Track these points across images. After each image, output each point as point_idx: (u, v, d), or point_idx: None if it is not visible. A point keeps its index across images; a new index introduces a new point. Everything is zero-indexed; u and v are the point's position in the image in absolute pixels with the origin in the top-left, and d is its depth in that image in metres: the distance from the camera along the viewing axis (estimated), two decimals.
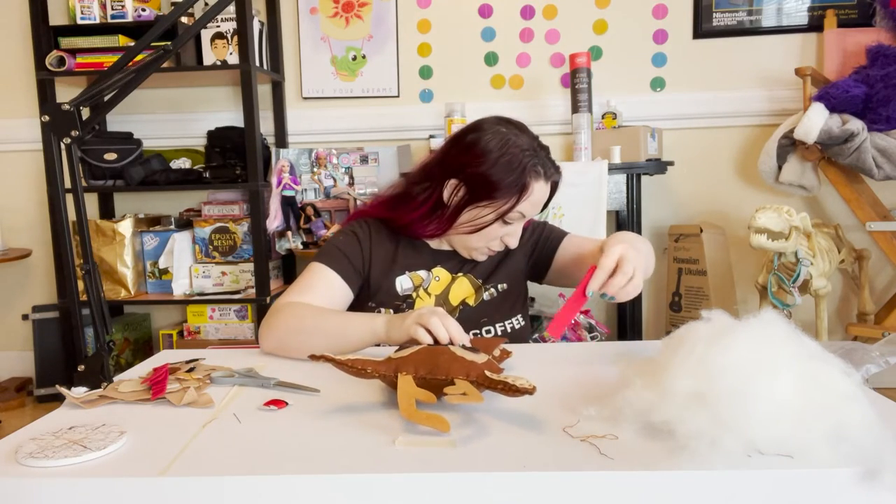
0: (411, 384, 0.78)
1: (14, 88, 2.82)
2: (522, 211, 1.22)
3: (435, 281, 1.30)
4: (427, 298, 1.28)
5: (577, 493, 0.63)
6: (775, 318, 0.74)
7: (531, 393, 0.75)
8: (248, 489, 0.64)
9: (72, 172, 0.93)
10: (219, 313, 2.63)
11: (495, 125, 1.24)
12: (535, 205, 1.23)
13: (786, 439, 0.64)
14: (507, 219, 1.23)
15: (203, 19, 1.03)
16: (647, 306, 2.73)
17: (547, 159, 1.24)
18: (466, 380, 0.79)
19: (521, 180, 1.19)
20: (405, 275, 1.29)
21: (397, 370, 0.81)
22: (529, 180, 1.20)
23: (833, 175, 2.32)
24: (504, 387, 0.76)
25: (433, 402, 0.77)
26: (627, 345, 1.16)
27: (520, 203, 1.21)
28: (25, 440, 0.73)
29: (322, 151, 2.62)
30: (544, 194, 1.24)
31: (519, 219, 1.24)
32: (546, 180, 1.23)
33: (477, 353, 0.87)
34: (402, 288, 1.28)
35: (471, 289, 1.31)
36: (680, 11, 2.60)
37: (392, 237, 1.33)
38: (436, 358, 0.83)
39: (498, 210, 1.21)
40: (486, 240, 1.26)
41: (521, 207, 1.22)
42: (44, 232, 2.81)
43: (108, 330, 0.95)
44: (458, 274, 1.32)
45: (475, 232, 1.24)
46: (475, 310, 1.29)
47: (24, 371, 2.90)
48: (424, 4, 2.69)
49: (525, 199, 1.21)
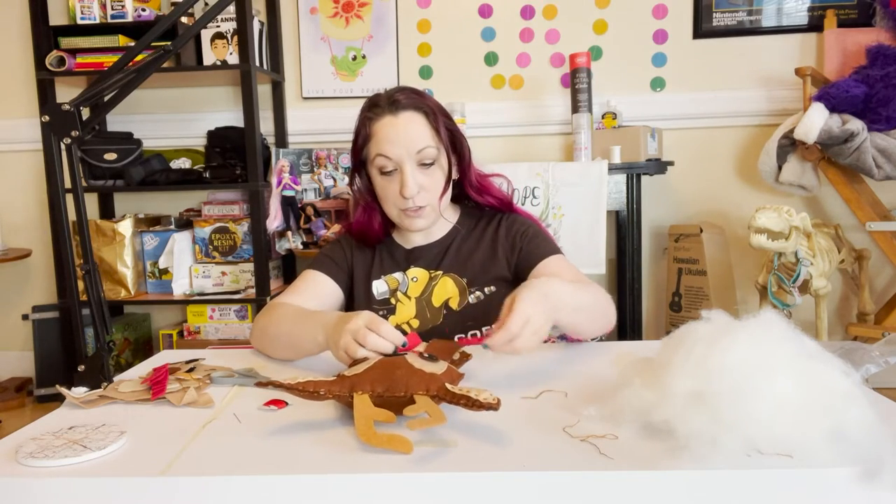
0: (368, 405, 0.74)
1: (14, 88, 2.82)
2: (381, 153, 1.20)
3: (413, 282, 1.27)
4: (408, 302, 1.26)
5: (577, 493, 0.63)
6: (775, 318, 0.74)
7: (495, 408, 0.71)
8: (248, 489, 0.64)
9: (72, 172, 0.93)
10: (219, 313, 2.63)
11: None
12: (388, 141, 1.19)
13: (786, 439, 0.64)
14: (380, 168, 1.21)
15: (203, 19, 1.03)
16: (647, 306, 2.73)
17: (385, 96, 1.23)
18: (427, 395, 0.75)
19: (363, 132, 1.23)
20: (381, 279, 1.28)
21: (353, 389, 0.76)
22: (370, 126, 1.22)
23: (833, 175, 2.32)
24: (467, 401, 0.72)
25: (393, 422, 0.73)
26: (627, 345, 1.16)
27: (369, 147, 1.22)
28: (25, 440, 0.73)
29: (322, 151, 2.62)
30: (394, 128, 1.20)
31: (388, 162, 1.20)
32: (390, 114, 1.20)
33: (436, 362, 0.83)
34: (378, 292, 1.27)
35: (455, 289, 1.26)
36: (680, 11, 2.60)
37: (369, 244, 1.33)
38: (392, 372, 0.78)
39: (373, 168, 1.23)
40: (390, 200, 1.23)
41: (378, 149, 1.20)
42: (44, 232, 2.81)
43: (108, 330, 0.95)
44: (437, 272, 1.27)
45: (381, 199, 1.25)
46: (459, 314, 1.25)
47: (24, 371, 2.90)
48: (424, 4, 2.69)
49: (375, 142, 1.21)
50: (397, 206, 1.23)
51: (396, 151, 1.19)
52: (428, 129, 1.21)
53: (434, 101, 1.25)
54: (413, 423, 0.71)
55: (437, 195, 1.23)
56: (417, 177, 1.20)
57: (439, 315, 1.25)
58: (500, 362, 1.00)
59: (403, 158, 1.19)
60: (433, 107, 1.23)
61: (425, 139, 1.20)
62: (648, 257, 2.70)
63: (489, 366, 0.99)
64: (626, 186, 2.34)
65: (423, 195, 1.22)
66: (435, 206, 1.24)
